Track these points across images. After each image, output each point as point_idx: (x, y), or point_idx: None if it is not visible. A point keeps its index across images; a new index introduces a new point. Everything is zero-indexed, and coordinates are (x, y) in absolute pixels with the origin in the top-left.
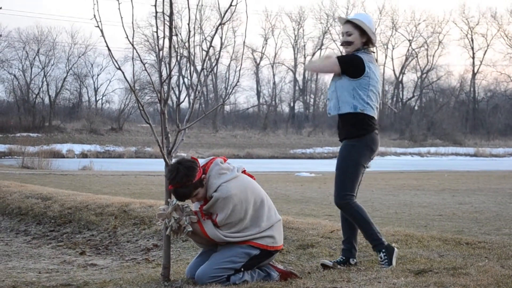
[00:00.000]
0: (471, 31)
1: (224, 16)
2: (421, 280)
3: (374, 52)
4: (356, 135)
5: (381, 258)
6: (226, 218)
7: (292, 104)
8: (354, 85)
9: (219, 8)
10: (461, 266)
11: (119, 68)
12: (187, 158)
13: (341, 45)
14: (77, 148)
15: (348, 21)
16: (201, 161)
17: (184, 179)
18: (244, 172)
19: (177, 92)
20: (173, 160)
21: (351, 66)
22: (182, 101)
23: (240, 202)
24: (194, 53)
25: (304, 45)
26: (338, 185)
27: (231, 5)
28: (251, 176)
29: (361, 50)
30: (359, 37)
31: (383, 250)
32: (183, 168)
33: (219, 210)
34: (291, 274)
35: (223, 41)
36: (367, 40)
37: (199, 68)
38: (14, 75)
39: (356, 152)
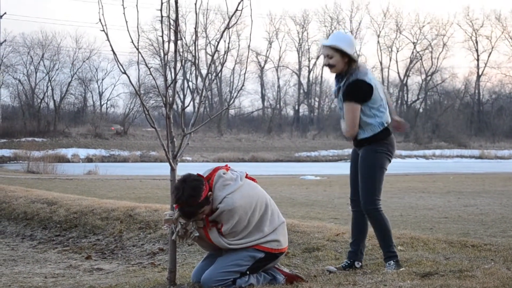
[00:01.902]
0: (476, 33)
1: (230, 20)
2: (427, 283)
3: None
4: (377, 141)
5: (389, 264)
6: (231, 228)
7: (296, 107)
8: (369, 106)
9: (227, 12)
10: (467, 269)
11: (125, 72)
12: (193, 176)
13: (324, 66)
14: (82, 152)
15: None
16: (205, 171)
17: (190, 200)
18: (246, 176)
19: (181, 96)
20: (179, 177)
21: (362, 95)
22: (187, 105)
23: (245, 212)
24: (199, 56)
25: (309, 48)
26: (367, 190)
27: (236, 9)
28: (253, 180)
29: (354, 70)
30: (340, 58)
31: (395, 261)
32: (188, 189)
33: (225, 221)
34: (297, 277)
35: (227, 45)
36: (349, 59)
37: (203, 71)
38: (19, 80)
39: (380, 157)
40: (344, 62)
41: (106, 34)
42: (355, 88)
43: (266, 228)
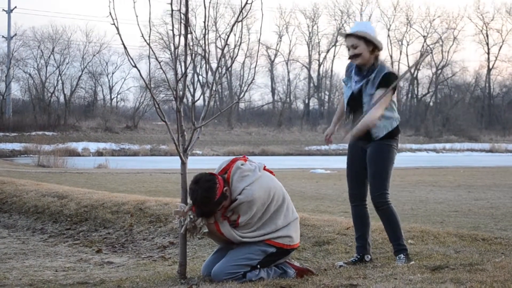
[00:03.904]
0: (486, 27)
1: (240, 13)
2: (437, 277)
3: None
4: (391, 136)
5: (399, 257)
6: (249, 219)
7: (306, 101)
8: (392, 100)
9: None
10: (477, 262)
11: (135, 66)
12: (206, 177)
13: (349, 58)
14: (93, 146)
15: (350, 34)
16: (222, 163)
17: (205, 200)
18: (264, 168)
19: (191, 90)
20: (191, 180)
21: (395, 87)
22: (198, 99)
23: (262, 204)
24: (209, 50)
25: (319, 42)
26: (379, 185)
27: (246, 2)
28: (271, 172)
29: (381, 62)
30: (366, 47)
31: (405, 254)
32: (201, 191)
33: (242, 213)
34: (308, 271)
35: (237, 38)
36: (373, 48)
37: (213, 65)
38: (29, 74)
39: (393, 152)
40: (369, 51)
41: (117, 28)
42: (393, 79)
43: (280, 222)
